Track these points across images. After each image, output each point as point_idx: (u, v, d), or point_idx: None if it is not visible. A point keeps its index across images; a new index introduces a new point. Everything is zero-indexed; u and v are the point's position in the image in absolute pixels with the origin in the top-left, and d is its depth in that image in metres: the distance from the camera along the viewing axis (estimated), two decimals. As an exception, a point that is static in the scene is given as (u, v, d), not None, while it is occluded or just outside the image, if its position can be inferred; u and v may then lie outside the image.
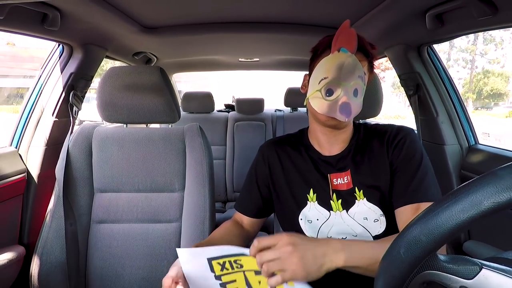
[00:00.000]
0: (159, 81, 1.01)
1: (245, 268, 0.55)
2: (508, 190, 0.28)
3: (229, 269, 0.55)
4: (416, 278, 0.35)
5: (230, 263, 0.55)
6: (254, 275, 0.55)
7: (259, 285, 0.55)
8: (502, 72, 21.64)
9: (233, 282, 0.55)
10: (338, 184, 0.73)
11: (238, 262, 0.55)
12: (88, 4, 0.91)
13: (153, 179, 1.02)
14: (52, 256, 0.92)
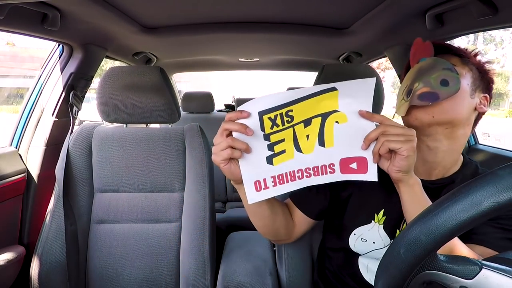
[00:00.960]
0: (159, 81, 1.01)
1: (295, 120, 0.55)
2: (508, 190, 0.28)
3: (280, 125, 0.55)
4: (416, 278, 0.35)
5: (281, 117, 0.55)
6: (303, 128, 0.56)
7: (307, 142, 0.56)
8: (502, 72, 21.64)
9: (281, 143, 0.56)
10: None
11: (289, 114, 0.55)
12: (88, 4, 0.91)
13: (153, 179, 1.02)
14: (52, 256, 0.92)
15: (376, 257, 0.69)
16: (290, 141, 0.56)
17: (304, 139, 0.56)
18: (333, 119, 0.55)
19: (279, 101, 0.54)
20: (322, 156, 0.56)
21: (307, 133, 0.56)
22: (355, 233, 0.70)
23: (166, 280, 0.97)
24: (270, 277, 0.89)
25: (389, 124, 0.53)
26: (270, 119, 0.54)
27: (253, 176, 0.57)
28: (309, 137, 0.56)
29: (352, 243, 0.70)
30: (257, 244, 1.07)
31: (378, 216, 0.69)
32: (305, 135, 0.56)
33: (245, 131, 0.54)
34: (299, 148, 0.56)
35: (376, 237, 0.68)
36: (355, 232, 0.70)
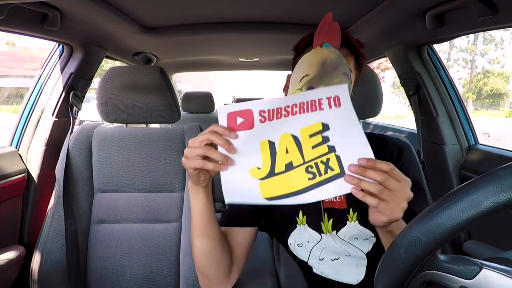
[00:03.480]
0: (159, 81, 1.01)
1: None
2: (508, 190, 0.28)
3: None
4: (416, 278, 0.35)
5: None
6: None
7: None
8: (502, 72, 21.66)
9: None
10: (330, 201, 0.68)
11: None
12: (88, 4, 0.91)
13: (153, 179, 1.02)
14: (52, 256, 0.92)
15: (318, 257, 0.69)
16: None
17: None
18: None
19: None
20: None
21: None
22: (290, 242, 0.71)
23: (166, 280, 0.97)
24: (270, 277, 0.89)
25: (393, 176, 0.46)
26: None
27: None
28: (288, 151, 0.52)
29: (294, 251, 0.71)
30: (257, 244, 1.07)
31: (299, 218, 0.70)
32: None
33: (228, 148, 0.50)
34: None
35: (307, 236, 0.69)
36: (290, 242, 0.71)
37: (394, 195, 0.46)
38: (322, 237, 0.69)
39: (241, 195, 0.52)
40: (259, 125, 0.51)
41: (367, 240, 0.67)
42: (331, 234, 0.68)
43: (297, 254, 0.71)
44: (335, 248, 0.68)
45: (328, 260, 0.69)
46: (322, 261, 0.69)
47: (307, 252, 0.70)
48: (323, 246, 0.69)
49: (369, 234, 0.67)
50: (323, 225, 0.69)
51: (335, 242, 0.68)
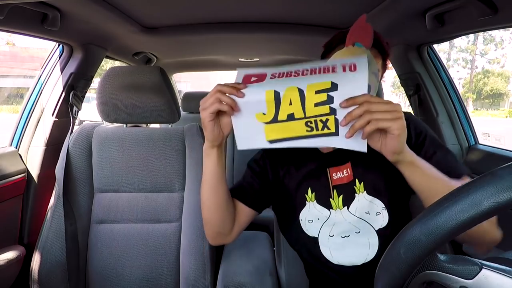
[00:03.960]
0: (159, 81, 1.01)
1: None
2: (508, 190, 0.28)
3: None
4: (416, 278, 0.35)
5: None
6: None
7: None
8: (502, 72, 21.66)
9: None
10: (338, 178, 0.70)
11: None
12: (88, 4, 0.91)
13: (153, 179, 1.02)
14: (52, 256, 0.92)
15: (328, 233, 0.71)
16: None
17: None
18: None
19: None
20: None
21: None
22: (301, 219, 0.73)
23: (166, 280, 0.97)
24: (270, 277, 0.89)
25: (374, 101, 0.50)
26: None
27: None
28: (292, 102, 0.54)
29: (304, 228, 0.73)
30: (257, 244, 1.07)
31: (308, 195, 0.72)
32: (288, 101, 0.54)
33: (237, 93, 0.54)
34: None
35: (316, 213, 0.71)
36: (301, 218, 0.73)
37: (386, 113, 0.50)
38: (331, 213, 0.70)
39: (250, 139, 0.57)
40: (269, 80, 0.55)
41: (379, 214, 0.68)
42: (342, 211, 0.69)
43: (307, 231, 0.72)
44: (344, 224, 0.69)
45: (338, 237, 0.69)
46: (332, 237, 0.70)
47: (317, 228, 0.71)
48: (333, 223, 0.70)
49: (379, 205, 0.67)
50: (332, 202, 0.70)
51: (344, 219, 0.69)
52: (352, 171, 0.69)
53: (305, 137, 0.55)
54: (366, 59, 0.51)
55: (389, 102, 0.52)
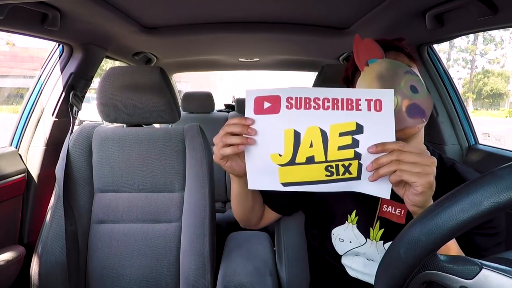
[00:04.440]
0: (159, 81, 1.01)
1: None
2: (508, 190, 0.28)
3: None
4: (416, 278, 0.35)
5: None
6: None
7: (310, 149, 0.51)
8: (502, 72, 21.66)
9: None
10: (387, 212, 0.66)
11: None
12: (88, 4, 0.91)
13: (153, 179, 1.02)
14: (52, 256, 0.92)
15: (355, 254, 0.69)
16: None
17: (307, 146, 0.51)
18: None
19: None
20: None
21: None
22: (334, 233, 0.71)
23: (166, 280, 0.97)
24: (270, 277, 0.89)
25: (406, 150, 0.46)
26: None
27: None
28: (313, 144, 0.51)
29: (334, 242, 0.71)
30: (257, 244, 1.07)
31: (351, 217, 0.69)
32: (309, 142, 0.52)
33: (248, 131, 0.51)
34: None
35: (352, 236, 0.69)
36: (333, 232, 0.71)
37: (415, 166, 0.46)
38: (367, 242, 0.67)
39: (262, 179, 0.54)
40: (285, 111, 0.51)
41: None
42: (378, 243, 0.67)
43: (334, 245, 0.71)
44: (374, 255, 0.67)
45: (364, 258, 0.68)
46: (357, 256, 0.69)
47: (346, 248, 0.69)
48: (364, 251, 0.68)
49: None
50: (372, 231, 0.67)
51: (377, 252, 0.67)
52: (407, 217, 0.64)
53: (324, 181, 0.51)
54: (392, 95, 0.48)
55: (422, 153, 0.47)
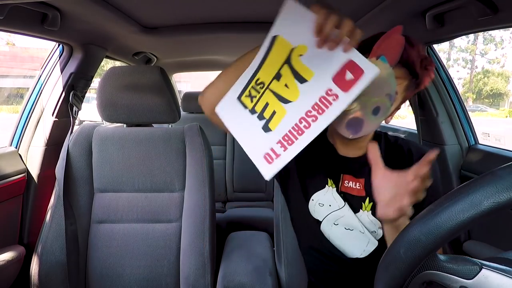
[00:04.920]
0: (159, 81, 1.01)
1: (266, 82, 0.55)
2: (508, 190, 0.28)
3: (256, 95, 0.55)
4: (416, 278, 0.35)
5: (254, 88, 0.56)
6: (277, 82, 0.54)
7: (288, 90, 0.53)
8: (502, 72, 21.66)
9: (267, 107, 0.55)
10: (349, 187, 0.70)
11: (258, 82, 0.55)
12: (88, 4, 0.91)
13: (153, 179, 1.02)
14: (52, 256, 0.92)
15: (333, 221, 0.71)
16: (274, 100, 0.54)
17: (284, 89, 0.53)
18: (296, 55, 0.52)
19: (244, 79, 0.57)
20: (313, 91, 0.51)
21: (284, 83, 0.53)
22: (313, 199, 0.73)
23: (166, 280, 0.97)
24: (270, 277, 0.89)
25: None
26: (246, 96, 0.56)
27: (260, 151, 0.55)
28: (288, 85, 0.53)
29: (311, 208, 0.73)
30: (257, 244, 1.07)
31: (330, 181, 0.72)
32: (283, 86, 0.53)
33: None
34: (285, 99, 0.53)
35: (331, 199, 0.71)
36: (313, 198, 0.73)
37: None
38: (345, 205, 0.70)
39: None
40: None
41: (374, 232, 0.69)
42: None
43: (313, 211, 0.72)
44: (352, 220, 0.69)
45: (342, 228, 0.70)
46: (336, 226, 0.70)
47: (325, 213, 0.71)
48: (342, 215, 0.70)
49: (377, 225, 0.68)
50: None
51: (354, 215, 0.69)
52: (365, 189, 0.69)
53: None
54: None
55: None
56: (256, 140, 0.55)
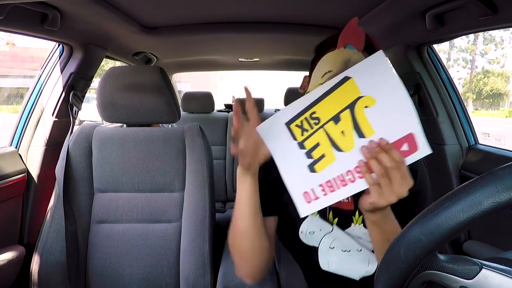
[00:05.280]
0: (159, 81, 1.01)
1: (322, 120, 0.51)
2: (508, 190, 0.28)
3: (309, 129, 0.52)
4: (416, 278, 0.35)
5: (307, 120, 0.52)
6: (335, 125, 0.51)
7: (343, 138, 0.51)
8: (502, 72, 21.67)
9: (317, 147, 0.52)
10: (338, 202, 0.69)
11: (313, 116, 0.51)
12: (88, 4, 0.91)
13: (153, 179, 1.02)
14: (52, 256, 0.92)
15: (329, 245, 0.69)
16: (326, 143, 0.52)
17: (339, 136, 0.51)
18: (361, 106, 0.50)
19: (299, 107, 0.52)
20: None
21: (340, 129, 0.51)
22: (302, 230, 0.71)
23: (166, 280, 0.97)
24: (270, 277, 0.89)
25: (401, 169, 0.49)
26: (297, 126, 0.52)
27: (300, 188, 0.54)
28: (344, 133, 0.51)
29: (304, 239, 0.71)
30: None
31: None
32: (339, 132, 0.51)
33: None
34: (337, 147, 0.51)
35: (319, 225, 0.69)
36: (302, 230, 0.71)
37: (390, 185, 0.48)
38: (334, 227, 0.69)
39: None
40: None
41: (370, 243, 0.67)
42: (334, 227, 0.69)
43: (307, 242, 0.70)
44: (346, 239, 0.68)
45: (339, 251, 0.68)
46: (332, 249, 0.69)
47: (318, 239, 0.70)
48: (334, 237, 0.69)
49: None
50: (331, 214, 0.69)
51: (346, 235, 0.68)
52: (354, 202, 0.67)
53: None
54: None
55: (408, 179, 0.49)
56: (299, 175, 0.53)
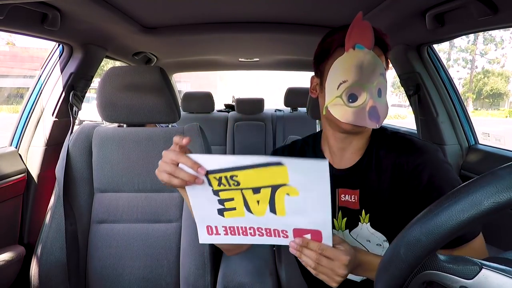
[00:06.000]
0: (159, 81, 1.01)
1: (242, 185, 0.52)
2: (508, 190, 0.28)
3: (226, 186, 0.53)
4: (416, 278, 0.35)
5: (226, 179, 0.52)
6: (252, 194, 0.52)
7: (257, 206, 0.53)
8: (502, 72, 21.67)
9: (231, 201, 0.54)
10: (346, 201, 0.67)
11: (234, 178, 0.51)
12: (88, 4, 0.91)
13: (153, 179, 1.02)
14: (52, 256, 0.92)
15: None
16: (240, 202, 0.54)
17: (254, 203, 0.53)
18: (284, 192, 0.51)
19: (222, 164, 0.51)
20: (274, 222, 0.54)
21: (257, 199, 0.53)
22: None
23: (166, 280, 0.97)
24: (270, 277, 0.89)
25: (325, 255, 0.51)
26: (215, 178, 0.52)
27: (205, 220, 0.57)
28: (259, 203, 0.53)
29: None
30: (257, 244, 1.07)
31: None
32: (255, 200, 0.53)
33: (197, 170, 0.51)
34: (249, 209, 0.54)
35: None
36: None
37: (327, 269, 0.51)
38: (339, 232, 0.69)
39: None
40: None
41: (379, 246, 0.66)
42: (344, 232, 0.68)
43: None
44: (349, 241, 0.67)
45: None
46: None
47: None
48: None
49: (381, 238, 0.66)
50: (336, 222, 0.69)
51: (348, 237, 0.68)
52: (360, 201, 0.67)
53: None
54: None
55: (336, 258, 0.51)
56: (208, 212, 0.56)
